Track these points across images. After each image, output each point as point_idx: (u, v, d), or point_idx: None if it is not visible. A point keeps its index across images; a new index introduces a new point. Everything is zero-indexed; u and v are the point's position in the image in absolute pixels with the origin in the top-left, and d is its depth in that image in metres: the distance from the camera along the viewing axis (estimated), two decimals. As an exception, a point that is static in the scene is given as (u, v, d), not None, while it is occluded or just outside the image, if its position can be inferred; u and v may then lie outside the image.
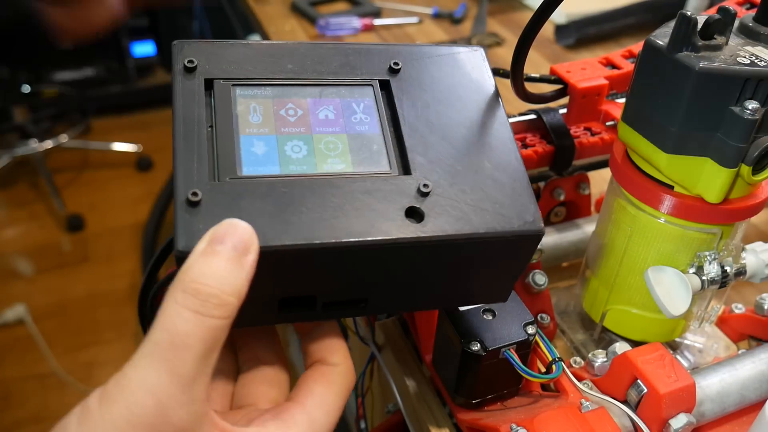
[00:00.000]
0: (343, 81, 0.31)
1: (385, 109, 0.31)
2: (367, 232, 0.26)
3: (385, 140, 0.30)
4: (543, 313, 0.44)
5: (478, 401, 0.37)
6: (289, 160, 0.28)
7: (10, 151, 2.01)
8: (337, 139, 0.29)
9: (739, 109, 0.32)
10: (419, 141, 0.30)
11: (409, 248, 0.27)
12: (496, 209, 0.29)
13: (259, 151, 0.28)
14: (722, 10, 0.34)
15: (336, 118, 0.30)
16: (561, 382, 0.37)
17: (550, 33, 0.99)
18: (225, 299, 0.23)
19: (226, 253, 0.24)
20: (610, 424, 0.33)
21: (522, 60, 0.36)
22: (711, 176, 0.34)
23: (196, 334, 0.22)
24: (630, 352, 0.35)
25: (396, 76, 0.32)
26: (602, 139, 0.48)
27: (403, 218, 0.27)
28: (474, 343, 0.35)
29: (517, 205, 0.29)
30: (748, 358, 0.38)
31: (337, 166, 0.28)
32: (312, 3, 1.07)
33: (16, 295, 1.67)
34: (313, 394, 0.28)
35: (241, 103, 0.29)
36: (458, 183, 0.29)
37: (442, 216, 0.28)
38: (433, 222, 0.27)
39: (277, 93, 0.30)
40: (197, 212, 0.25)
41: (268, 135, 0.29)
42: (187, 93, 0.29)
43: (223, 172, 0.27)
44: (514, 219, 0.29)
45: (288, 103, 0.30)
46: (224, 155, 0.28)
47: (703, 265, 0.38)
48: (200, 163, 0.27)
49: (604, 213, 0.43)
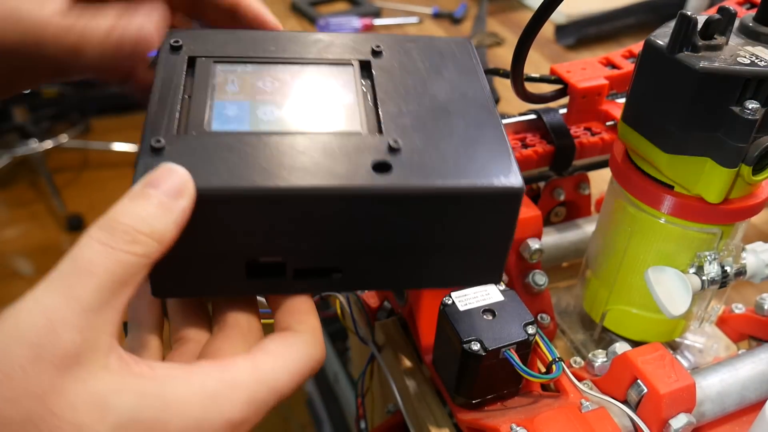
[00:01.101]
0: (324, 60, 0.31)
1: (363, 83, 0.31)
2: (327, 178, 0.25)
3: (359, 107, 0.29)
4: (543, 313, 0.44)
5: (478, 401, 0.37)
6: (260, 122, 0.28)
7: (10, 151, 2.01)
8: (311, 104, 0.29)
9: (740, 109, 0.32)
10: (394, 108, 0.29)
11: (375, 200, 0.26)
12: (471, 165, 0.27)
13: (230, 113, 0.28)
14: (722, 10, 0.34)
15: (312, 88, 0.30)
16: (561, 382, 0.37)
17: (550, 33, 0.99)
18: (138, 237, 0.23)
19: (156, 197, 0.23)
20: (610, 424, 0.33)
21: (522, 60, 0.37)
22: (711, 176, 0.34)
23: (101, 264, 0.22)
24: (630, 352, 0.35)
25: (377, 58, 0.31)
26: (602, 139, 0.48)
27: (369, 170, 0.26)
28: (474, 343, 0.35)
29: (495, 162, 0.27)
30: (748, 358, 0.38)
31: (309, 125, 0.28)
32: (312, 3, 1.07)
33: (17, 295, 1.65)
34: (266, 351, 0.26)
35: (220, 75, 0.30)
36: (432, 142, 0.28)
37: (411, 170, 0.26)
38: (401, 174, 0.26)
39: (257, 69, 0.30)
40: (159, 159, 0.25)
41: (242, 101, 0.29)
42: (169, 66, 0.29)
43: (192, 127, 0.27)
44: (490, 175, 0.26)
45: (266, 76, 0.30)
46: (195, 114, 0.27)
47: (703, 265, 0.38)
48: (170, 119, 0.27)
49: (604, 213, 0.43)
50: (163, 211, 0.23)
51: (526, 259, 0.43)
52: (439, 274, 0.30)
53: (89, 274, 0.22)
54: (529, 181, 0.50)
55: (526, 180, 0.36)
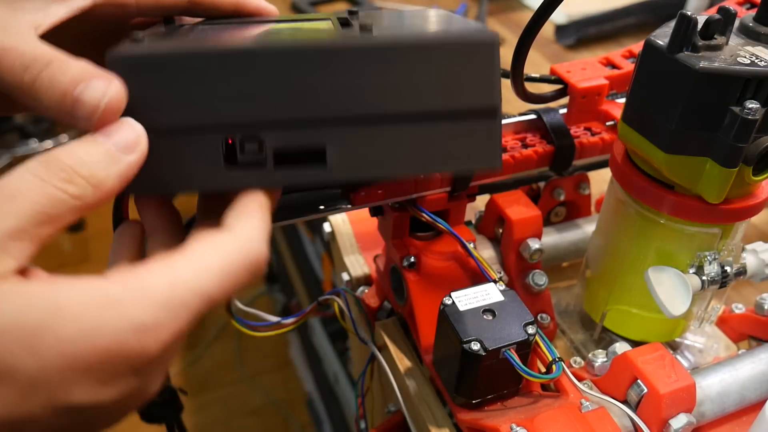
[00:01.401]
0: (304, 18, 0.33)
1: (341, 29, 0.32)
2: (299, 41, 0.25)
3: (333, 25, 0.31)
4: (543, 313, 0.44)
5: (478, 401, 0.37)
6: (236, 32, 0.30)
7: (10, 151, 2.01)
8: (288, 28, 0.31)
9: (739, 109, 0.32)
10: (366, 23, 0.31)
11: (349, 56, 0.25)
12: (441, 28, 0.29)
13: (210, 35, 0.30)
14: (722, 10, 0.34)
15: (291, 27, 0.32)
16: (561, 382, 0.37)
17: (550, 33, 0.99)
18: (75, 178, 0.22)
19: (104, 145, 0.23)
20: (610, 424, 0.33)
21: (522, 60, 0.37)
22: (711, 176, 0.34)
23: (28, 193, 0.21)
24: (630, 352, 0.35)
25: (354, 16, 0.32)
26: (602, 139, 0.48)
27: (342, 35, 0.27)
28: (474, 343, 0.35)
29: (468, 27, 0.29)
30: (748, 358, 0.38)
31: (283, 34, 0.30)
32: (312, 3, 1.07)
33: (17, 295, 1.67)
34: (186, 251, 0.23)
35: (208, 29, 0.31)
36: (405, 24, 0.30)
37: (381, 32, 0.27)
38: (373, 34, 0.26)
39: (242, 24, 0.32)
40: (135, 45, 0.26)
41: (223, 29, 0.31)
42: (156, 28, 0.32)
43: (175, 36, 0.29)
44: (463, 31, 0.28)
45: (251, 25, 0.32)
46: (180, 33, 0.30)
47: (703, 265, 0.38)
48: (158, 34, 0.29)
49: (604, 213, 0.43)
50: (109, 159, 0.23)
51: (526, 259, 0.43)
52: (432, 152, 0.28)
53: (12, 199, 0.21)
54: (529, 181, 0.50)
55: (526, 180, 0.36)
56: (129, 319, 0.21)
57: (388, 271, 0.45)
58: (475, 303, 0.37)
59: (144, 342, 0.21)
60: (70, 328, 0.20)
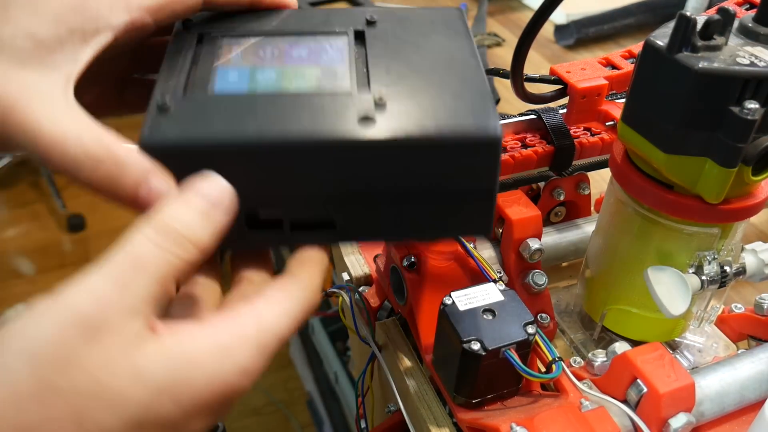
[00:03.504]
0: (321, 31, 0.33)
1: (356, 50, 0.32)
2: (317, 131, 0.27)
3: (350, 69, 0.31)
4: (543, 313, 0.44)
5: (478, 401, 0.38)
6: (257, 84, 0.30)
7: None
8: (307, 69, 0.31)
9: (739, 109, 0.32)
10: (383, 66, 0.31)
11: (360, 151, 0.28)
12: (452, 117, 0.29)
13: (232, 78, 0.30)
14: (722, 10, 0.34)
15: (308, 56, 0.32)
16: (561, 381, 0.37)
17: (550, 33, 0.99)
18: (185, 244, 0.25)
19: (198, 205, 0.26)
20: (609, 424, 0.33)
21: (522, 60, 0.37)
22: (710, 176, 0.34)
23: (152, 262, 0.24)
24: (630, 351, 0.35)
25: (371, 27, 0.33)
26: (602, 139, 0.48)
27: (356, 124, 0.28)
28: (474, 343, 0.35)
29: (475, 114, 0.29)
30: (747, 358, 0.38)
31: (302, 86, 0.30)
32: (312, 3, 1.07)
33: (17, 295, 1.67)
34: (266, 297, 0.27)
35: (225, 47, 0.32)
36: (417, 96, 0.29)
37: (394, 121, 0.28)
38: (385, 125, 0.28)
39: (259, 41, 0.32)
40: (164, 117, 0.27)
41: (243, 66, 0.31)
42: (179, 40, 0.32)
43: (197, 88, 0.29)
44: (469, 123, 0.28)
45: (267, 46, 0.32)
46: (200, 78, 0.30)
47: (702, 265, 0.38)
48: (178, 82, 0.29)
49: (604, 213, 0.43)
50: (206, 221, 0.26)
51: (526, 259, 0.43)
52: (430, 223, 0.31)
53: (142, 269, 0.24)
54: (529, 181, 0.50)
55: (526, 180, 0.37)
56: (237, 364, 0.24)
57: (388, 271, 0.45)
58: (475, 303, 0.37)
59: (245, 382, 0.25)
60: (200, 378, 0.24)
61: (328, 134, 0.27)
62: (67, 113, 0.26)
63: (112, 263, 0.24)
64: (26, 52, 0.26)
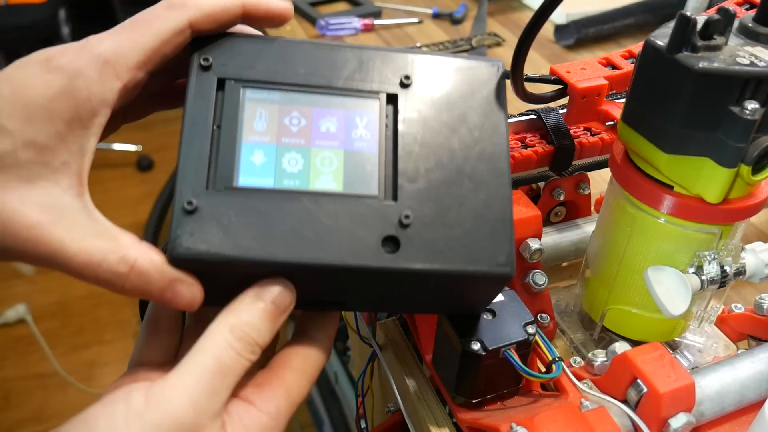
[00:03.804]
0: (352, 89, 0.31)
1: (387, 127, 0.31)
2: (341, 257, 0.28)
3: (379, 161, 0.30)
4: (543, 313, 0.44)
5: (478, 401, 0.38)
6: (284, 174, 0.29)
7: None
8: (334, 155, 0.30)
9: (739, 109, 0.32)
10: (413, 165, 0.30)
11: (380, 274, 0.29)
12: (471, 248, 0.30)
13: (257, 161, 0.29)
14: (722, 10, 0.34)
15: (337, 131, 0.30)
16: (561, 381, 0.37)
17: (550, 33, 0.99)
18: (257, 348, 0.29)
19: (269, 312, 0.29)
20: (609, 424, 0.33)
21: (522, 60, 0.37)
22: (710, 176, 0.34)
23: (234, 371, 0.28)
24: (630, 351, 0.35)
25: (405, 90, 0.31)
26: (602, 139, 0.48)
27: (379, 246, 0.29)
28: (474, 343, 0.35)
29: (494, 246, 0.30)
30: (747, 358, 0.38)
31: (328, 184, 0.29)
32: (312, 3, 1.07)
33: (18, 294, 1.67)
34: (291, 368, 0.31)
35: (249, 107, 0.30)
36: (441, 215, 0.30)
37: (416, 249, 0.29)
38: (407, 254, 0.29)
39: (285, 99, 0.31)
40: (192, 220, 0.28)
41: (268, 143, 0.30)
42: (199, 91, 0.30)
43: (221, 180, 0.29)
44: (486, 260, 0.30)
45: (293, 110, 0.30)
46: (224, 163, 0.29)
47: (702, 265, 0.38)
48: (200, 166, 0.29)
49: (604, 213, 0.43)
50: (271, 324, 0.29)
51: (526, 259, 0.43)
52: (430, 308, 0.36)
53: (226, 375, 0.27)
54: (529, 181, 0.50)
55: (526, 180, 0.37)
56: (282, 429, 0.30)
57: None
58: (475, 303, 0.37)
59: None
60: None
61: (351, 260, 0.28)
62: (89, 229, 0.27)
63: (202, 367, 0.27)
64: (31, 164, 0.25)
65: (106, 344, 1.57)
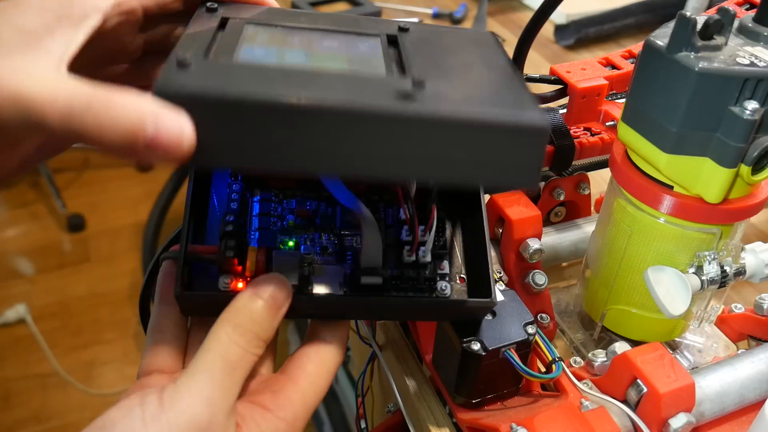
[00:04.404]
0: (353, 32, 0.33)
1: (389, 50, 0.31)
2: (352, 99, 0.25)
3: (384, 59, 0.30)
4: (543, 313, 0.44)
5: (478, 401, 0.38)
6: (285, 59, 0.29)
7: (11, 151, 2.01)
8: (337, 54, 0.30)
9: (739, 109, 0.32)
10: (418, 63, 0.29)
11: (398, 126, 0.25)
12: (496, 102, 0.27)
13: (258, 53, 0.28)
14: (722, 10, 0.34)
15: (339, 46, 0.31)
16: (561, 381, 0.37)
17: (550, 33, 0.99)
18: (261, 343, 0.30)
19: (270, 307, 0.30)
20: (609, 424, 0.33)
21: (522, 60, 0.37)
22: (710, 176, 0.34)
23: (241, 366, 0.29)
24: (630, 351, 0.35)
25: (404, 33, 0.33)
26: (602, 139, 0.48)
27: (393, 99, 0.25)
28: (474, 343, 0.35)
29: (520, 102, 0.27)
30: (747, 358, 0.38)
31: (333, 65, 0.28)
32: (312, 3, 1.07)
33: (17, 294, 1.67)
34: (306, 372, 0.32)
35: (250, 29, 0.31)
36: (455, 84, 0.28)
37: (435, 101, 0.26)
38: (425, 103, 0.25)
39: (288, 30, 0.31)
40: (183, 71, 0.25)
41: (270, 47, 0.29)
42: (201, 22, 0.31)
43: (219, 54, 0.28)
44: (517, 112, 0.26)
45: (296, 35, 0.31)
46: (224, 47, 0.28)
47: (702, 265, 0.38)
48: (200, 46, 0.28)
49: (604, 213, 0.43)
50: (272, 317, 0.30)
51: (526, 259, 0.43)
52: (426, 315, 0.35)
53: (235, 371, 0.29)
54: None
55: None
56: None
57: (388, 271, 0.45)
58: (475, 303, 0.37)
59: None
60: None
61: (365, 105, 0.24)
62: (60, 79, 0.25)
63: (211, 366, 0.28)
64: (14, 42, 0.26)
65: (106, 344, 1.57)
